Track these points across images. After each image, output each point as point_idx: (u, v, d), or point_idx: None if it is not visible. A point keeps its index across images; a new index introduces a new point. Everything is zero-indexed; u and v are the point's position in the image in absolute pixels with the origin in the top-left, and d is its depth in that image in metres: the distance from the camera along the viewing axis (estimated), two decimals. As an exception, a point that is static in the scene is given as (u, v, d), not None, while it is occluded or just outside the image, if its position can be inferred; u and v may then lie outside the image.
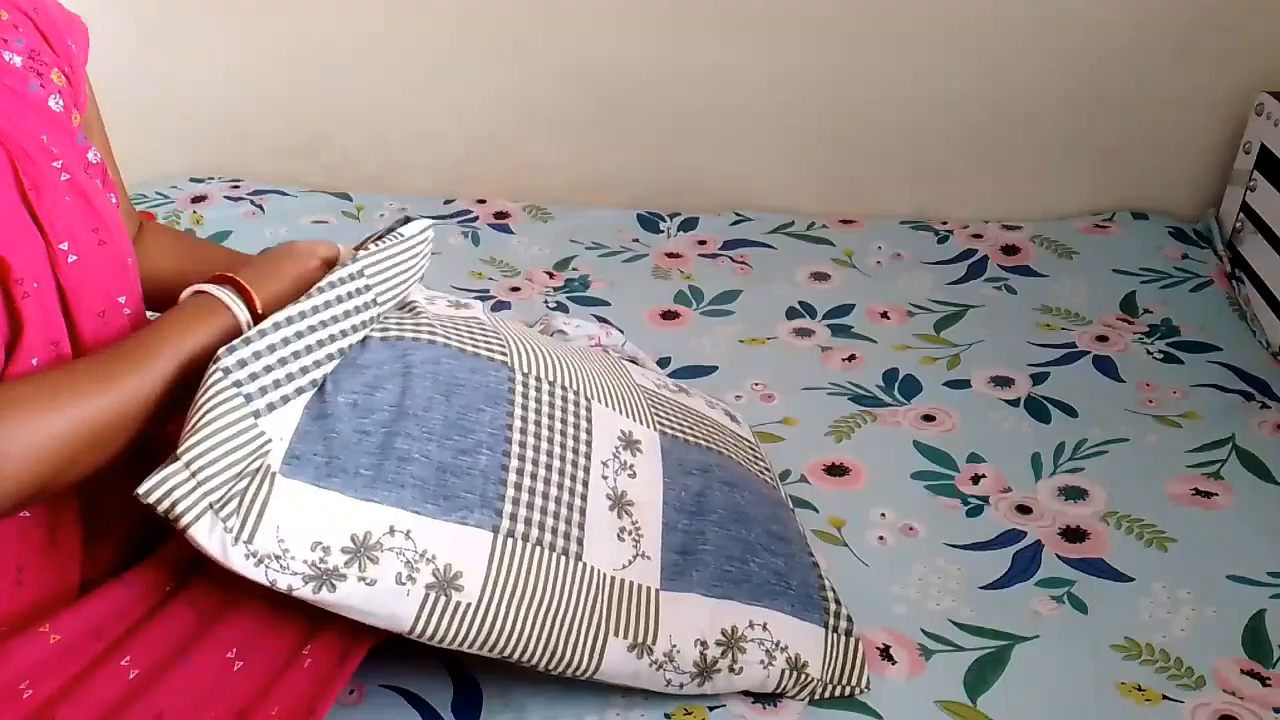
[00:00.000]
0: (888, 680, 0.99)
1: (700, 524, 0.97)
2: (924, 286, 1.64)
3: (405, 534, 0.80)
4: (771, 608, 0.96)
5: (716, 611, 0.93)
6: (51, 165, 0.80)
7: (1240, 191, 1.66)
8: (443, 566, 0.81)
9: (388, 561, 0.79)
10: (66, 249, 0.79)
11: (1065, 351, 1.47)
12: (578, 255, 1.73)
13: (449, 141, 1.92)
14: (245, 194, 1.86)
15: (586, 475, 0.92)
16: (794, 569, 1.00)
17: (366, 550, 0.79)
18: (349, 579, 0.78)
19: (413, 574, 0.80)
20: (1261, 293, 1.56)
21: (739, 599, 0.95)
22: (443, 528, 0.82)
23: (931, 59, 1.74)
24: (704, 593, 0.93)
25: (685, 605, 0.92)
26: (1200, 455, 1.27)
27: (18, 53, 0.83)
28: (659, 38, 1.77)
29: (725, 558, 0.96)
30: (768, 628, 0.94)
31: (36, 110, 0.82)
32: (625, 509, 0.93)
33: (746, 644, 0.92)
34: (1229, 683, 0.98)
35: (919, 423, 1.34)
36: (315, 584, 0.77)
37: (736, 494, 1.02)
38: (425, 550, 0.81)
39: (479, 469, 0.85)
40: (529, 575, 0.84)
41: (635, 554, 0.92)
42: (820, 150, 1.84)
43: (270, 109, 1.90)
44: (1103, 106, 1.74)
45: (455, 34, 1.81)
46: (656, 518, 0.95)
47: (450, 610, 0.81)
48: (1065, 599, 1.08)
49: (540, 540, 0.86)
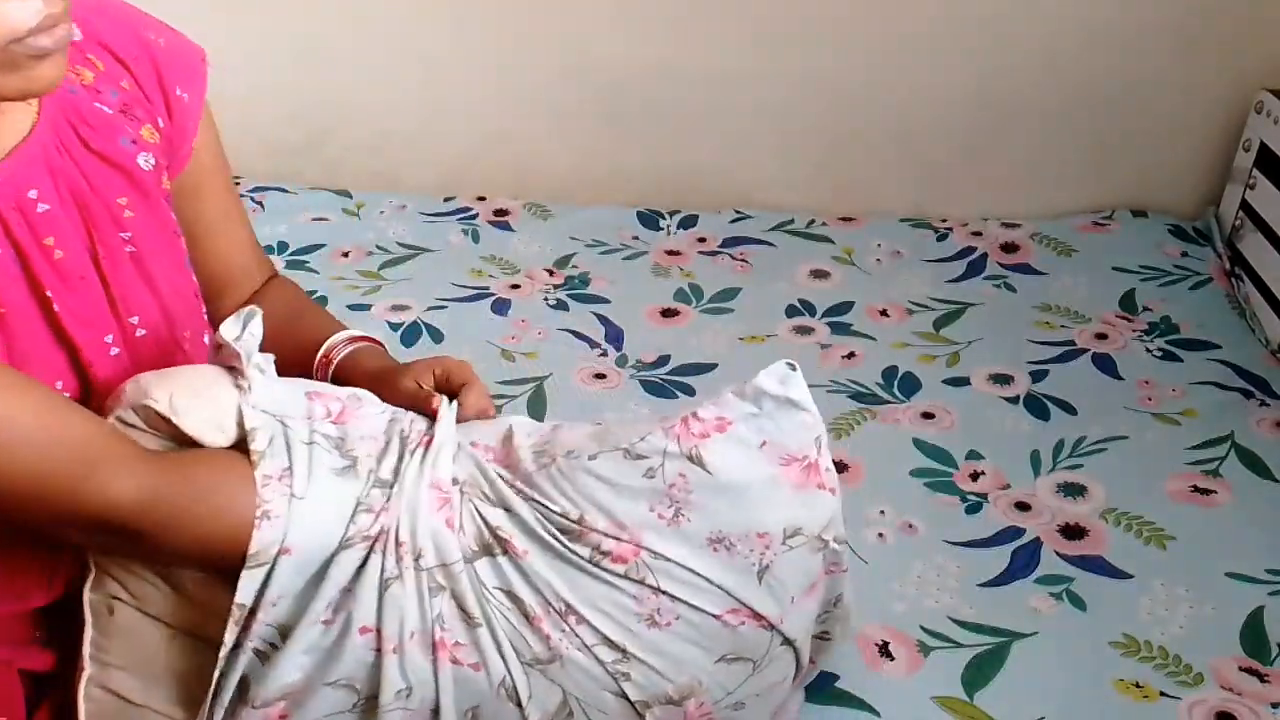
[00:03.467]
0: (886, 677, 0.99)
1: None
2: (923, 284, 1.64)
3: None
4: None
5: None
6: (120, 236, 0.79)
7: (1240, 189, 1.66)
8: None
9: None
10: (136, 322, 0.79)
11: (1064, 349, 1.47)
12: (578, 253, 1.73)
13: (449, 139, 1.92)
14: (245, 191, 1.86)
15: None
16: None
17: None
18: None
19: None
20: (1261, 291, 1.56)
21: None
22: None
23: (931, 58, 1.74)
24: None
25: None
26: (1199, 453, 1.27)
27: (110, 105, 0.80)
28: (659, 36, 1.77)
29: None
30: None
31: (121, 171, 0.80)
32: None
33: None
34: (1227, 680, 0.98)
35: (918, 420, 1.34)
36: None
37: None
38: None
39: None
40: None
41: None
42: (820, 148, 1.84)
43: (270, 106, 1.90)
44: (1102, 104, 1.74)
45: (456, 31, 1.81)
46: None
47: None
48: (1064, 596, 1.08)
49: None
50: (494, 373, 1.42)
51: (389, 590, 0.75)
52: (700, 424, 0.78)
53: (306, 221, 1.81)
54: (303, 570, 0.74)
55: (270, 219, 1.81)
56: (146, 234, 0.81)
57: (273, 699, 0.75)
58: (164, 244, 0.83)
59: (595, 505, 0.77)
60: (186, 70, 0.88)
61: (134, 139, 0.81)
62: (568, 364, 1.45)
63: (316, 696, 0.76)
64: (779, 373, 0.79)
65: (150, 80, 0.84)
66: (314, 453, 0.76)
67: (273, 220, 1.80)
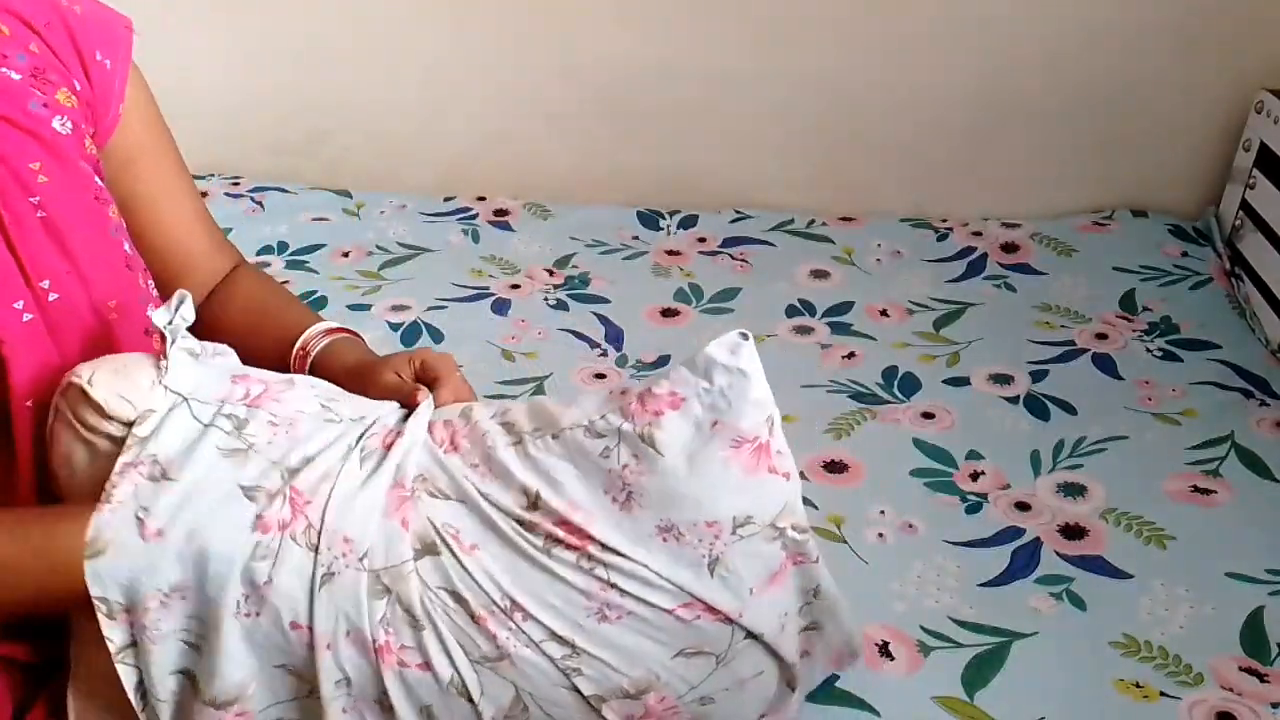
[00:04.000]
0: (886, 677, 0.99)
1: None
2: (923, 284, 1.64)
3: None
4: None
5: None
6: (29, 200, 0.77)
7: (1240, 189, 1.66)
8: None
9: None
10: (48, 287, 0.77)
11: (1064, 349, 1.47)
12: (578, 253, 1.73)
13: (450, 138, 1.92)
14: (245, 191, 1.86)
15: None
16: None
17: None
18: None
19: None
20: (1261, 291, 1.56)
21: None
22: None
23: (931, 57, 1.74)
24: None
25: None
26: (1199, 453, 1.27)
27: (17, 69, 0.79)
28: (659, 35, 1.77)
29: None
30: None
31: (32, 135, 0.78)
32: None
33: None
34: (1227, 680, 0.98)
35: (918, 420, 1.34)
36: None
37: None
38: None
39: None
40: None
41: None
42: (820, 148, 1.84)
43: (270, 106, 1.90)
44: (1102, 104, 1.74)
45: (456, 30, 1.82)
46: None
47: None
48: (1064, 596, 1.08)
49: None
50: (494, 373, 1.42)
51: (322, 588, 0.73)
52: (654, 400, 0.76)
53: (306, 221, 1.81)
54: (182, 557, 0.72)
55: (270, 219, 1.81)
56: (61, 198, 0.79)
57: (224, 700, 0.74)
58: (83, 209, 0.81)
59: (553, 485, 0.75)
60: (106, 36, 0.86)
61: (46, 102, 0.80)
62: (568, 364, 1.45)
63: (268, 680, 0.75)
64: (730, 342, 0.76)
65: (64, 44, 0.83)
66: (207, 434, 0.75)
67: (273, 220, 1.80)
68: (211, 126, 1.92)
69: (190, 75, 1.86)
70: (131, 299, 0.85)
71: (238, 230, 1.76)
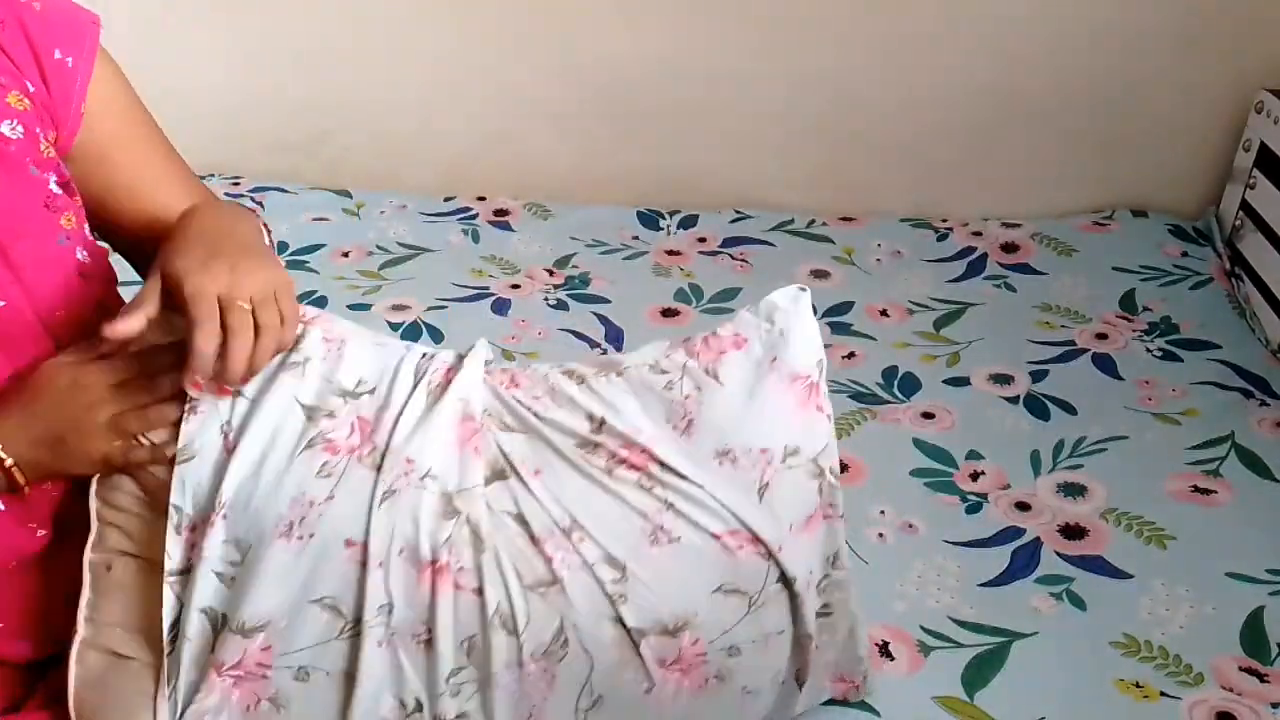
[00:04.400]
0: (886, 677, 0.99)
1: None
2: (924, 284, 1.64)
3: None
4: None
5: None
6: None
7: (1240, 189, 1.66)
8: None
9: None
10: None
11: (1065, 349, 1.47)
12: (578, 253, 1.73)
13: (449, 139, 1.92)
14: (245, 191, 1.86)
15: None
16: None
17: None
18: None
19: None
20: (1261, 290, 1.56)
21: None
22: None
23: (931, 57, 1.74)
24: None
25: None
26: (1199, 453, 1.27)
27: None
28: (659, 36, 1.77)
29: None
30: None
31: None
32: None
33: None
34: (1227, 679, 0.98)
35: (918, 420, 1.34)
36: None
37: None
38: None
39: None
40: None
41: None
42: (820, 148, 1.84)
43: (271, 105, 1.90)
44: (1102, 104, 1.74)
45: (457, 31, 1.82)
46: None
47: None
48: (1064, 596, 1.08)
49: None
50: (494, 373, 1.42)
51: (382, 504, 0.75)
52: (719, 341, 0.85)
53: (307, 221, 1.81)
54: (244, 471, 0.74)
55: (270, 219, 1.78)
56: (3, 209, 0.77)
57: (251, 626, 0.75)
58: (26, 217, 0.79)
59: (617, 412, 0.81)
60: (68, 32, 0.83)
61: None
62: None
63: (300, 619, 0.75)
64: (790, 293, 0.86)
65: (18, 44, 0.80)
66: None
67: (273, 220, 1.78)
68: (212, 126, 1.92)
69: (191, 75, 1.86)
70: (86, 307, 0.83)
71: (238, 230, 1.76)
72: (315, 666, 0.76)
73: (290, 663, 0.75)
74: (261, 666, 0.75)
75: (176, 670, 0.75)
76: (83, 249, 0.84)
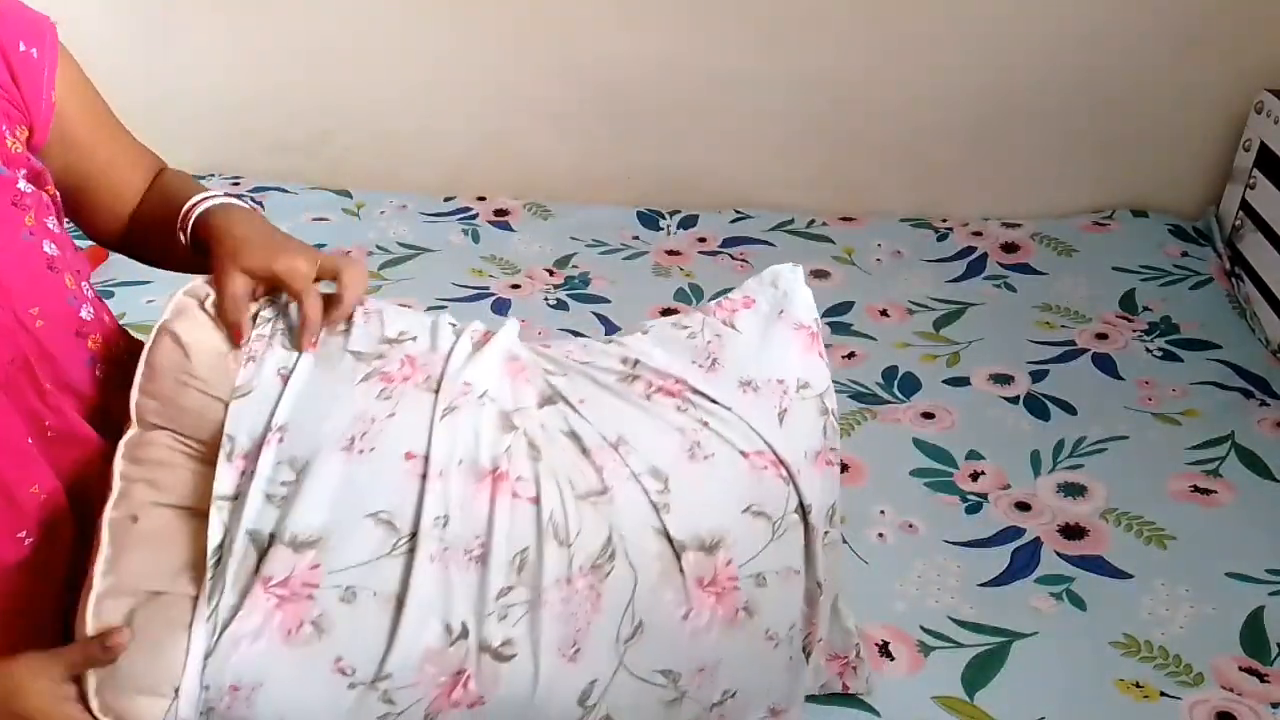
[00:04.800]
0: (886, 677, 0.99)
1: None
2: (924, 284, 1.64)
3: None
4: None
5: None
6: None
7: (1240, 189, 1.66)
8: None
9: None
10: None
11: (1065, 349, 1.47)
12: (578, 253, 1.73)
13: (451, 138, 1.92)
14: (245, 191, 1.86)
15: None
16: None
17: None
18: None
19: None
20: (1261, 290, 1.56)
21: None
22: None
23: (931, 57, 1.74)
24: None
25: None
26: (1200, 453, 1.27)
27: None
28: (660, 36, 1.77)
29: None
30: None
31: None
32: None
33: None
34: (1227, 679, 0.98)
35: (919, 420, 1.34)
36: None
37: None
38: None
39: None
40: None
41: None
42: (820, 148, 1.84)
43: (272, 106, 1.90)
44: (1102, 105, 1.74)
45: (458, 31, 1.82)
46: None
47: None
48: (1064, 596, 1.08)
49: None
50: (494, 372, 1.42)
51: (443, 419, 0.79)
52: (730, 302, 0.96)
53: (307, 221, 1.81)
54: (302, 390, 0.79)
55: (271, 219, 1.77)
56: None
57: (302, 540, 0.75)
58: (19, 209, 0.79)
59: (646, 356, 0.89)
60: (28, 28, 0.83)
61: None
62: (568, 364, 1.45)
63: (353, 534, 0.76)
64: (788, 266, 0.99)
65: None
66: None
67: (273, 220, 1.76)
68: (212, 126, 1.92)
69: (192, 75, 1.86)
70: (58, 302, 0.84)
71: (238, 230, 1.76)
72: (363, 586, 0.75)
73: (338, 581, 0.75)
74: (308, 586, 0.75)
75: (220, 589, 0.74)
76: (50, 242, 0.84)
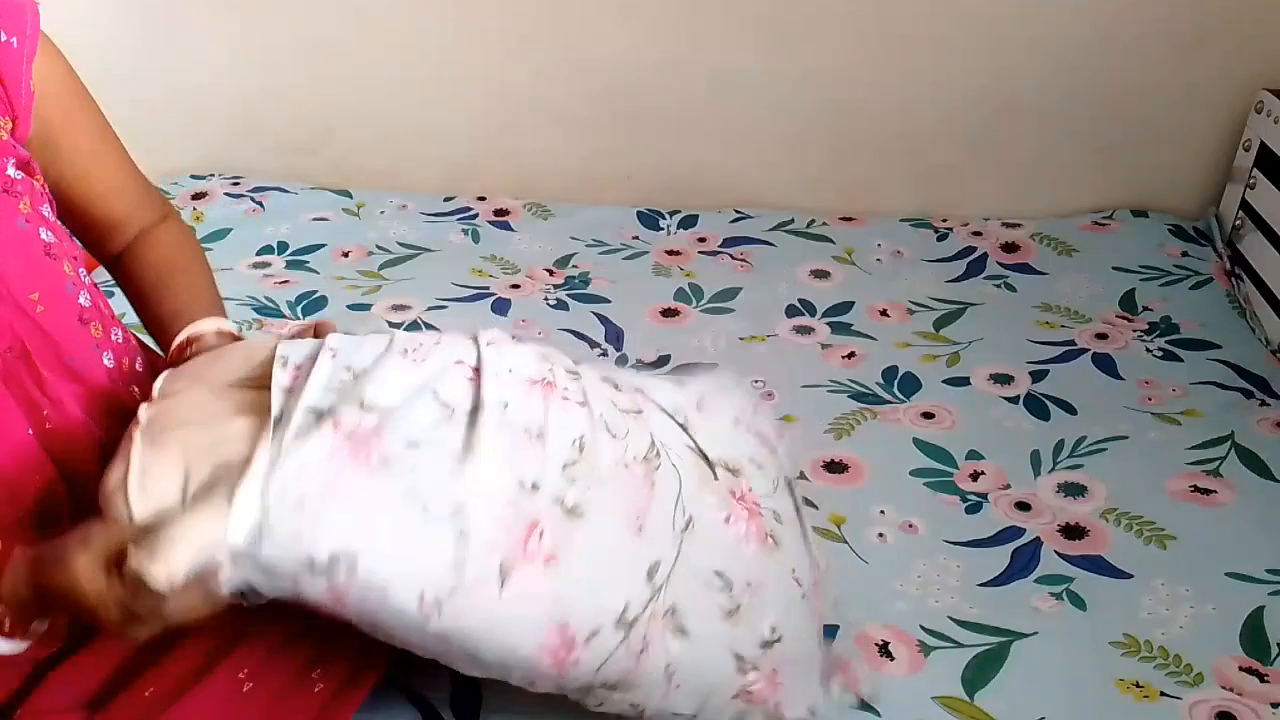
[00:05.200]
0: (887, 677, 0.99)
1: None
2: (924, 284, 1.64)
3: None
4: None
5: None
6: None
7: (1240, 189, 1.66)
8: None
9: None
10: None
11: (1065, 349, 1.47)
12: (578, 253, 1.73)
13: (452, 138, 1.92)
14: (246, 191, 1.86)
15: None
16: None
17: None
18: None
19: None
20: (1261, 290, 1.56)
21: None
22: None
23: (932, 57, 1.74)
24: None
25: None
26: (1200, 453, 1.27)
27: None
28: (661, 36, 1.77)
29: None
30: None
31: None
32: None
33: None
34: (1228, 679, 0.98)
35: (919, 420, 1.34)
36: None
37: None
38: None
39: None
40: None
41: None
42: (821, 148, 1.84)
43: (273, 105, 1.90)
44: (1102, 104, 1.74)
45: (459, 31, 1.82)
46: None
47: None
48: (1064, 596, 1.08)
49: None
50: (495, 372, 1.42)
51: (488, 348, 0.85)
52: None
53: (307, 221, 1.81)
54: (348, 336, 0.84)
55: (271, 219, 1.81)
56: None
57: (368, 403, 0.77)
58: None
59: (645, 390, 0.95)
60: (8, 14, 0.83)
61: None
62: (568, 364, 1.45)
63: (416, 406, 0.78)
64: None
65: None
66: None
67: (274, 220, 1.80)
68: (213, 126, 1.92)
69: (192, 75, 1.86)
70: (58, 288, 0.84)
71: (238, 230, 1.76)
72: (429, 441, 0.78)
73: (405, 435, 0.77)
74: (375, 433, 0.76)
75: (281, 436, 0.74)
76: (46, 229, 0.84)
